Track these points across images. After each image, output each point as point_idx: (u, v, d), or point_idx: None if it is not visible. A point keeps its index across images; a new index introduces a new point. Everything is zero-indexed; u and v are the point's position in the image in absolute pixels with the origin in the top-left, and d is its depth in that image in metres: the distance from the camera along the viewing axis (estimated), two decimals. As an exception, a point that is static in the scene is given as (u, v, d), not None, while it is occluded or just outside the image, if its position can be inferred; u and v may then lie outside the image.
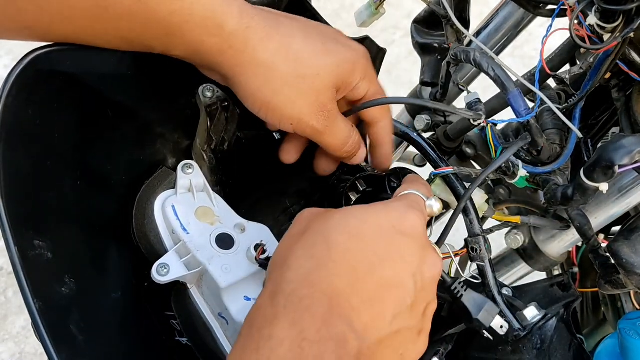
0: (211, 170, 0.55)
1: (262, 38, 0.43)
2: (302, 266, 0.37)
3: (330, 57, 0.46)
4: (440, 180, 0.52)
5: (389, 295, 0.37)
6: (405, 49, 1.87)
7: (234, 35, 0.42)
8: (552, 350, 0.47)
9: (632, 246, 0.49)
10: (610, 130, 0.61)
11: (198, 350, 0.50)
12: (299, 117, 0.46)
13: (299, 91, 0.45)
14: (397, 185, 0.50)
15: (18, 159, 0.42)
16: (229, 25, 0.42)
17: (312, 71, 0.45)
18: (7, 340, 1.36)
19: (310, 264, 0.37)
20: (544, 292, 0.55)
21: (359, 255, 0.37)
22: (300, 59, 0.44)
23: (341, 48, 0.47)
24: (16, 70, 0.42)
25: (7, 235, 0.39)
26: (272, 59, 0.44)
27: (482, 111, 0.52)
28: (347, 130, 0.49)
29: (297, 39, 0.45)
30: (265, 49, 0.43)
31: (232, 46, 0.43)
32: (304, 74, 0.44)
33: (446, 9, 0.56)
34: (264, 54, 0.43)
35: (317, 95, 0.45)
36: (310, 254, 0.38)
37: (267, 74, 0.44)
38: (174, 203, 0.51)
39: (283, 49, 0.44)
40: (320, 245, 0.38)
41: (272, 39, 0.44)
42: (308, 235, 0.39)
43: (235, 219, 0.52)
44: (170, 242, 0.51)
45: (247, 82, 0.44)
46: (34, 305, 0.38)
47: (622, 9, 0.42)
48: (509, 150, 0.49)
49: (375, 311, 0.36)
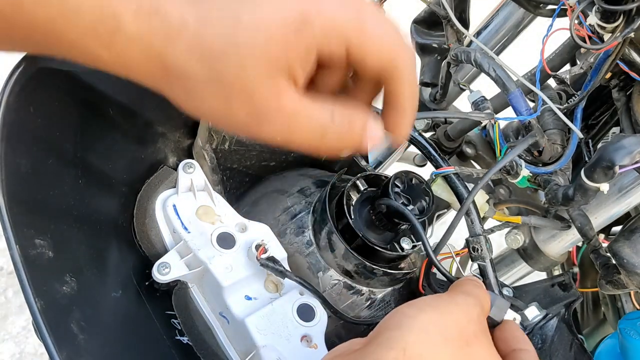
0: (212, 169, 0.55)
1: (169, 35, 0.31)
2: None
3: (257, 35, 0.31)
4: (441, 180, 0.52)
5: None
6: (405, 49, 1.87)
7: (133, 41, 0.31)
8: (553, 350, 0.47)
9: (633, 246, 0.49)
10: (610, 131, 0.61)
11: (199, 350, 0.50)
12: (240, 126, 0.34)
13: (226, 97, 0.32)
14: (401, 190, 0.49)
15: (19, 158, 0.42)
16: (124, 29, 0.31)
17: (236, 66, 0.32)
18: (7, 340, 1.35)
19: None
20: (545, 292, 0.55)
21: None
22: (214, 53, 0.31)
23: (276, 12, 0.31)
24: (17, 69, 0.42)
25: (8, 233, 0.39)
26: (183, 64, 0.32)
27: (490, 109, 0.52)
28: (316, 125, 0.34)
29: (212, 22, 0.31)
30: (173, 53, 0.32)
31: (133, 58, 0.32)
32: (226, 73, 0.32)
33: (446, 9, 0.56)
34: (173, 60, 0.32)
35: (250, 96, 0.32)
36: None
37: (182, 83, 0.33)
38: (175, 202, 0.51)
39: (195, 46, 0.32)
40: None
41: (180, 35, 0.31)
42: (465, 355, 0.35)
43: (236, 218, 0.52)
44: (171, 242, 0.51)
45: (171, 96, 0.34)
46: (35, 304, 0.38)
47: (622, 9, 0.42)
48: (515, 149, 0.49)
49: None
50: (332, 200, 0.52)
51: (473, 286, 0.40)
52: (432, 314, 0.35)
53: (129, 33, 0.31)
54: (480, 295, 0.39)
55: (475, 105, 0.53)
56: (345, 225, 0.50)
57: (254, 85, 0.32)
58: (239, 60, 0.32)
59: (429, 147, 0.53)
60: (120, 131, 0.50)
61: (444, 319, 0.35)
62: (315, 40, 0.32)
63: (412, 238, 0.51)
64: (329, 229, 0.50)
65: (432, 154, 0.53)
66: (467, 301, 0.37)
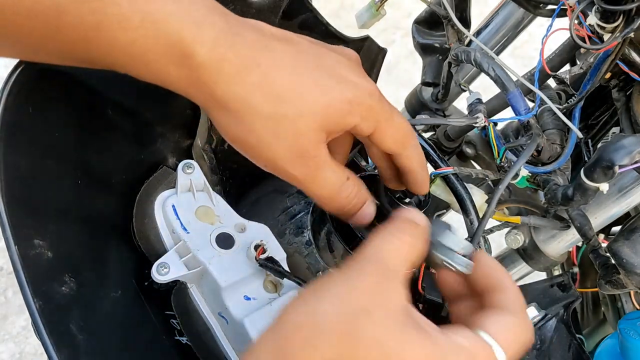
0: (211, 170, 0.55)
1: (240, 71, 0.37)
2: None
3: (321, 96, 0.38)
4: (440, 181, 0.52)
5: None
6: (405, 49, 1.87)
7: (204, 67, 0.36)
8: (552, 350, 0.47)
9: (632, 246, 0.49)
10: (610, 131, 0.61)
11: (198, 350, 0.50)
12: (274, 161, 0.39)
13: (276, 133, 0.38)
14: (404, 196, 0.49)
15: (18, 158, 0.42)
16: (199, 55, 0.36)
17: (295, 111, 0.38)
18: (7, 340, 1.36)
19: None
20: (544, 293, 0.55)
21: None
22: (282, 96, 0.38)
23: (337, 85, 0.39)
24: (17, 69, 0.42)
25: (7, 234, 0.39)
26: (248, 96, 0.37)
27: (482, 112, 0.52)
28: (336, 180, 0.41)
29: (283, 72, 0.38)
30: (241, 84, 0.37)
31: (200, 78, 0.36)
32: (284, 114, 0.38)
33: (447, 9, 0.56)
34: (239, 90, 0.37)
35: (296, 138, 0.38)
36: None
37: (240, 111, 0.38)
38: (174, 202, 0.51)
39: (264, 84, 0.37)
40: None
41: (251, 73, 0.37)
42: (349, 344, 0.32)
43: (236, 219, 0.52)
44: (170, 242, 0.51)
45: (220, 117, 0.39)
46: (33, 304, 0.38)
47: (622, 9, 0.42)
48: (521, 157, 0.49)
49: None
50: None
51: (378, 239, 0.37)
52: (307, 304, 0.34)
53: (201, 59, 0.36)
54: (382, 249, 0.36)
55: (470, 108, 0.53)
56: (344, 226, 0.50)
57: (304, 131, 0.38)
58: (300, 109, 0.38)
59: (427, 147, 0.53)
60: (119, 131, 0.50)
61: (321, 305, 0.33)
62: (358, 117, 0.40)
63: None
64: (328, 229, 0.50)
65: (431, 155, 0.53)
66: (360, 267, 0.35)
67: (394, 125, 0.42)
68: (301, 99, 0.38)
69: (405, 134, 0.43)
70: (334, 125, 0.39)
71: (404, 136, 0.43)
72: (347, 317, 0.32)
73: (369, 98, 0.40)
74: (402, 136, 0.43)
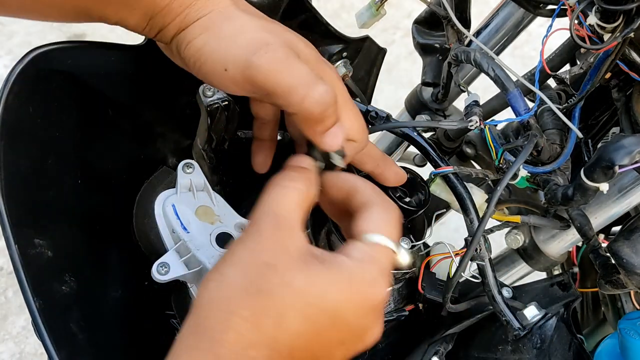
0: (212, 170, 0.55)
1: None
2: (244, 335, 0.33)
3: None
4: (440, 180, 0.52)
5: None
6: (405, 49, 1.87)
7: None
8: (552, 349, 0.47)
9: (633, 246, 0.49)
10: (610, 131, 0.61)
11: (198, 350, 0.50)
12: (234, 57, 0.39)
13: (233, 40, 0.39)
14: (404, 195, 0.50)
15: (18, 158, 0.42)
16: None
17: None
18: (7, 340, 1.36)
19: (253, 337, 0.33)
20: (544, 292, 0.55)
21: (305, 340, 0.34)
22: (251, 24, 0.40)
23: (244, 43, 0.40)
24: (16, 69, 0.42)
25: (7, 233, 0.39)
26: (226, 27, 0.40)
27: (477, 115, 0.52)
28: (308, 71, 0.39)
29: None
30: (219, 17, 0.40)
31: (182, 4, 0.40)
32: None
33: (447, 10, 0.56)
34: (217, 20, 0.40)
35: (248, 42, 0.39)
36: (256, 324, 0.33)
37: (213, 32, 0.40)
38: (175, 202, 0.51)
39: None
40: (271, 318, 0.33)
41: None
42: (261, 298, 0.33)
43: (236, 219, 0.52)
44: (170, 241, 0.51)
45: (189, 37, 0.40)
46: (33, 303, 0.38)
47: (622, 9, 0.42)
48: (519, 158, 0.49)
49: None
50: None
51: (270, 191, 0.39)
52: (214, 277, 0.35)
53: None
54: (274, 200, 0.38)
55: (466, 110, 0.53)
56: (345, 225, 0.50)
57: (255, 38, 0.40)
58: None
59: (427, 147, 0.53)
60: (120, 131, 0.50)
61: (226, 275, 0.35)
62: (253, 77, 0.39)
63: (411, 238, 0.51)
64: (328, 228, 0.50)
65: (431, 154, 0.53)
66: (259, 224, 0.37)
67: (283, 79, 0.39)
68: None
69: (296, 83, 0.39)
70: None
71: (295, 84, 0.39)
72: (253, 276, 0.34)
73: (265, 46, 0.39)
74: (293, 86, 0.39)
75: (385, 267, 0.37)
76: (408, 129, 0.53)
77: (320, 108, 0.39)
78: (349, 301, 0.35)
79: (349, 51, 0.59)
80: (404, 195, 0.49)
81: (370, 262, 0.36)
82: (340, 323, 0.35)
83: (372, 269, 0.36)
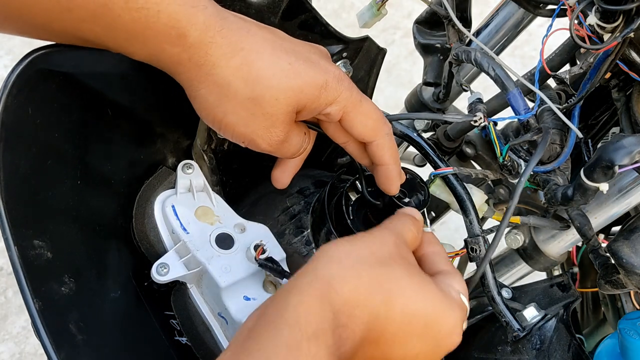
0: (211, 170, 0.55)
1: (225, 54, 0.41)
2: (359, 292, 0.37)
3: (295, 80, 0.43)
4: (440, 181, 0.52)
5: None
6: (405, 49, 1.87)
7: (195, 47, 0.40)
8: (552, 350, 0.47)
9: (632, 246, 0.49)
10: (610, 130, 0.61)
11: (197, 350, 0.50)
12: (251, 138, 0.44)
13: (254, 114, 0.43)
14: (404, 196, 0.50)
15: (18, 159, 0.42)
16: (191, 36, 0.40)
17: (271, 94, 0.42)
18: (7, 340, 1.36)
19: (364, 299, 0.37)
20: (544, 293, 0.55)
21: (393, 326, 0.38)
22: (260, 79, 0.42)
23: (310, 71, 0.43)
24: (16, 70, 0.42)
25: (6, 234, 0.39)
26: (230, 79, 0.41)
27: (481, 111, 0.52)
28: (297, 142, 0.47)
29: (263, 56, 0.42)
30: (225, 67, 0.41)
31: (191, 59, 0.41)
32: (262, 97, 0.42)
33: (447, 9, 0.56)
34: (222, 72, 0.41)
35: (272, 120, 0.43)
36: (372, 290, 0.38)
37: (222, 92, 0.42)
38: (174, 203, 0.51)
39: (244, 68, 0.41)
40: (385, 292, 0.38)
41: (235, 56, 0.41)
42: (385, 272, 0.39)
43: (235, 219, 0.52)
44: (170, 242, 0.51)
45: (202, 96, 0.43)
46: (33, 305, 0.38)
47: (622, 9, 0.42)
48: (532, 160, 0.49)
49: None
50: (331, 200, 0.52)
51: (392, 220, 0.46)
52: (344, 245, 0.40)
53: (193, 40, 0.40)
54: (396, 226, 0.44)
55: (470, 107, 0.53)
56: (344, 226, 0.50)
57: (278, 114, 0.43)
58: (276, 93, 0.42)
59: (427, 147, 0.53)
60: (119, 132, 0.50)
61: (356, 247, 0.40)
62: (327, 100, 0.44)
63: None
64: (328, 229, 0.50)
65: (431, 155, 0.53)
66: (382, 232, 0.43)
67: (363, 112, 0.45)
68: (277, 83, 0.42)
69: (376, 120, 0.46)
70: (304, 108, 0.44)
71: (375, 122, 0.46)
72: (378, 254, 0.40)
73: (338, 83, 0.44)
74: (373, 122, 0.46)
75: (463, 321, 0.42)
76: (408, 130, 0.53)
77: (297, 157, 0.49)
78: (442, 326, 0.40)
79: (349, 51, 0.58)
80: (403, 195, 0.49)
81: (460, 309, 0.42)
82: (428, 340, 0.40)
83: (460, 313, 0.41)
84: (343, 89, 0.44)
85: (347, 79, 0.45)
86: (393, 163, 0.48)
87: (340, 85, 0.44)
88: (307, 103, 0.43)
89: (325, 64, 0.45)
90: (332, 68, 0.45)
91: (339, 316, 0.36)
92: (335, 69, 0.45)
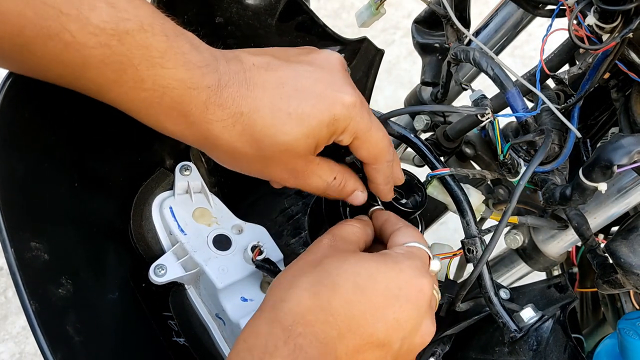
0: (209, 172, 0.55)
1: (226, 126, 0.41)
2: (302, 302, 0.40)
3: (299, 128, 0.42)
4: (437, 182, 0.52)
5: (372, 353, 0.41)
6: (405, 49, 1.87)
7: (197, 124, 0.41)
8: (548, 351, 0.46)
9: (630, 246, 0.49)
10: (609, 131, 0.61)
11: (195, 351, 0.50)
12: (271, 178, 0.46)
13: (267, 166, 0.44)
14: (401, 197, 0.51)
15: (15, 160, 0.42)
16: (193, 115, 0.41)
17: (278, 149, 0.42)
18: (7, 340, 1.36)
19: (311, 303, 0.40)
20: (541, 294, 0.55)
21: (357, 308, 0.40)
22: (264, 138, 0.42)
23: (314, 110, 0.42)
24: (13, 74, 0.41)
25: (3, 236, 0.39)
26: (236, 145, 0.42)
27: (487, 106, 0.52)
28: (322, 182, 0.47)
29: (263, 113, 0.42)
30: (229, 136, 0.42)
31: (195, 132, 0.42)
32: (270, 154, 0.43)
33: (446, 9, 0.55)
34: (226, 141, 0.42)
35: (285, 165, 0.44)
36: (314, 291, 0.40)
37: (232, 155, 0.43)
38: (172, 204, 0.51)
39: (247, 131, 0.42)
40: (326, 286, 0.40)
41: (236, 123, 0.41)
42: (318, 271, 0.41)
43: (233, 220, 0.52)
44: (167, 243, 0.51)
45: (215, 158, 0.45)
46: (30, 306, 0.38)
47: (620, 9, 0.42)
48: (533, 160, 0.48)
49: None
50: (328, 201, 0.52)
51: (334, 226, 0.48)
52: (286, 269, 0.44)
53: (194, 119, 0.41)
54: (333, 228, 0.47)
55: (475, 103, 0.52)
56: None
57: (291, 159, 0.44)
58: (282, 146, 0.42)
59: (424, 148, 0.53)
60: (117, 134, 0.50)
61: (293, 264, 0.44)
62: (337, 132, 0.44)
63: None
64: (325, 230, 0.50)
65: (428, 156, 0.53)
66: (318, 239, 0.46)
67: (371, 140, 0.46)
68: (282, 137, 0.42)
69: (380, 149, 0.47)
70: (317, 146, 0.44)
71: (380, 151, 0.47)
72: (312, 260, 0.43)
73: (347, 110, 0.43)
74: (378, 151, 0.47)
75: (425, 264, 0.44)
76: (405, 131, 0.53)
77: (334, 197, 0.49)
78: (399, 279, 0.42)
79: (347, 52, 0.58)
80: (400, 196, 0.49)
81: (412, 257, 0.44)
82: (393, 300, 0.41)
83: (415, 260, 0.43)
84: (352, 116, 0.43)
85: (358, 104, 0.44)
86: (384, 184, 0.49)
87: (349, 113, 0.43)
88: (318, 142, 0.43)
89: (331, 92, 0.43)
90: (339, 95, 0.43)
91: (293, 328, 0.38)
92: (343, 93, 0.43)
